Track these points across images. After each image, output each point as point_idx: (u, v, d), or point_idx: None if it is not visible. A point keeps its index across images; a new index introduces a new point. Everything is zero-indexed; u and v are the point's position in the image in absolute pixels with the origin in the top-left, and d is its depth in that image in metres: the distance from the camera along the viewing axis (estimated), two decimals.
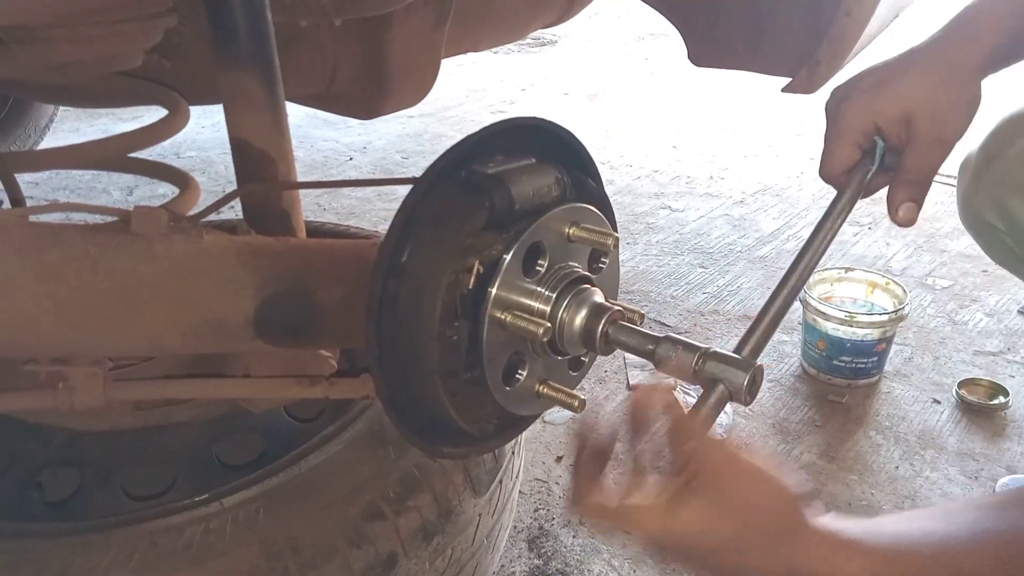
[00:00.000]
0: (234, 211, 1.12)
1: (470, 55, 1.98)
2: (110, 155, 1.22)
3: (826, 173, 0.99)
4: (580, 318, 0.79)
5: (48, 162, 1.33)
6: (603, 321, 0.79)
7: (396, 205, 0.76)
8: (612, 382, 2.11)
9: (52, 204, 0.94)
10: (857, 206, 2.83)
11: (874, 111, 0.93)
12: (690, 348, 0.76)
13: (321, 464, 1.02)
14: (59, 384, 0.96)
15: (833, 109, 0.97)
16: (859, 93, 0.94)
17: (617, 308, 0.80)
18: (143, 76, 1.22)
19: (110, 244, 0.85)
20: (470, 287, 0.76)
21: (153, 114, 1.23)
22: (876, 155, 0.95)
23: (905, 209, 0.96)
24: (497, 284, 0.76)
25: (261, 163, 1.00)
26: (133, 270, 0.85)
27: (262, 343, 0.92)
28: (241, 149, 1.01)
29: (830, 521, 0.68)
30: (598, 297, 0.81)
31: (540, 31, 2.15)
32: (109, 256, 0.84)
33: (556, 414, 1.96)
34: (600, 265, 0.86)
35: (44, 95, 1.69)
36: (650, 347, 0.77)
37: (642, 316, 0.83)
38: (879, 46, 1.63)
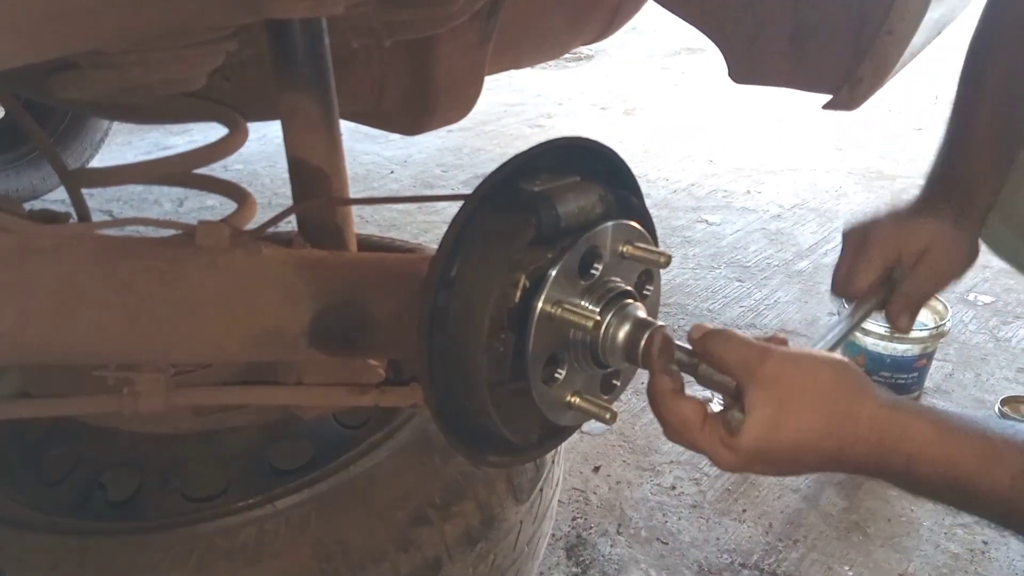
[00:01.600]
0: (289, 224, 1.17)
1: (508, 71, 2.02)
2: (174, 171, 1.27)
3: (847, 290, 1.10)
4: (624, 331, 0.81)
5: (116, 178, 1.39)
6: (646, 335, 0.81)
7: (436, 217, 0.80)
8: None
9: (121, 219, 1.00)
10: None
11: (900, 241, 1.06)
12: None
13: (369, 470, 1.06)
14: (125, 389, 1.01)
15: (859, 237, 1.09)
16: (886, 226, 1.08)
17: (660, 324, 0.82)
18: (203, 95, 1.28)
19: (176, 257, 0.90)
20: (517, 301, 0.78)
21: (201, 129, 1.29)
22: (895, 279, 1.08)
23: (906, 321, 1.09)
24: (543, 298, 0.78)
25: (316, 180, 1.05)
26: (198, 282, 0.90)
27: (316, 352, 0.96)
28: (298, 166, 1.05)
29: (897, 397, 0.72)
30: (641, 312, 0.83)
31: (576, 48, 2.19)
32: (175, 268, 0.89)
33: (594, 425, 1.98)
34: (646, 293, 0.89)
35: (111, 113, 1.77)
36: (693, 362, 0.79)
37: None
38: (921, 63, 1.63)
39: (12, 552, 0.97)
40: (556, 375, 0.83)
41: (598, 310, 0.81)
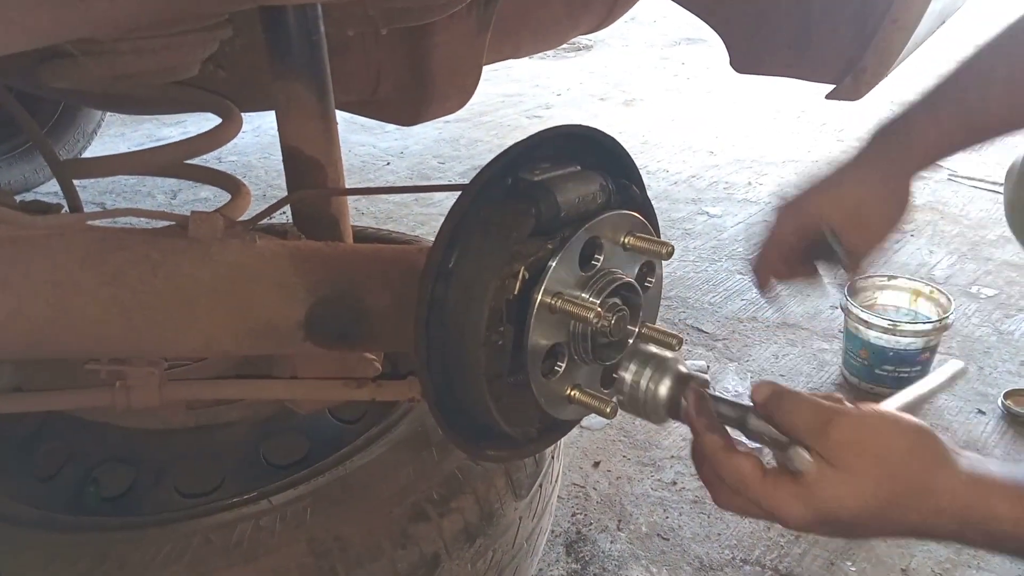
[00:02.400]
0: (284, 215, 1.15)
1: (506, 60, 2.00)
2: (168, 162, 1.26)
3: (760, 265, 1.13)
4: (665, 387, 0.77)
5: (108, 169, 1.37)
6: (687, 390, 0.77)
7: (433, 209, 0.78)
8: None
9: (113, 210, 0.98)
10: None
11: (827, 207, 1.05)
12: None
13: (366, 465, 1.05)
14: (117, 383, 0.99)
15: (790, 211, 1.09)
16: (812, 196, 1.07)
17: (701, 377, 0.79)
18: (197, 85, 1.26)
19: (169, 248, 0.88)
20: (516, 292, 0.77)
21: (195, 120, 1.27)
22: (832, 242, 1.06)
23: (857, 268, 1.10)
24: (542, 290, 0.77)
25: (312, 170, 1.03)
26: (191, 274, 0.88)
27: (312, 345, 0.94)
28: (293, 156, 1.04)
29: (974, 462, 0.67)
30: (682, 366, 0.79)
31: (575, 37, 2.17)
32: (168, 260, 0.87)
33: (594, 420, 1.96)
34: (647, 285, 0.88)
35: (104, 103, 1.75)
36: (740, 416, 0.75)
37: (680, 341, 0.84)
38: (925, 51, 1.62)
39: (4, 548, 0.95)
40: (556, 368, 0.81)
41: (599, 302, 0.80)
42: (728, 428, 0.74)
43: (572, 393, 0.82)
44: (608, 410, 0.80)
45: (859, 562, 1.57)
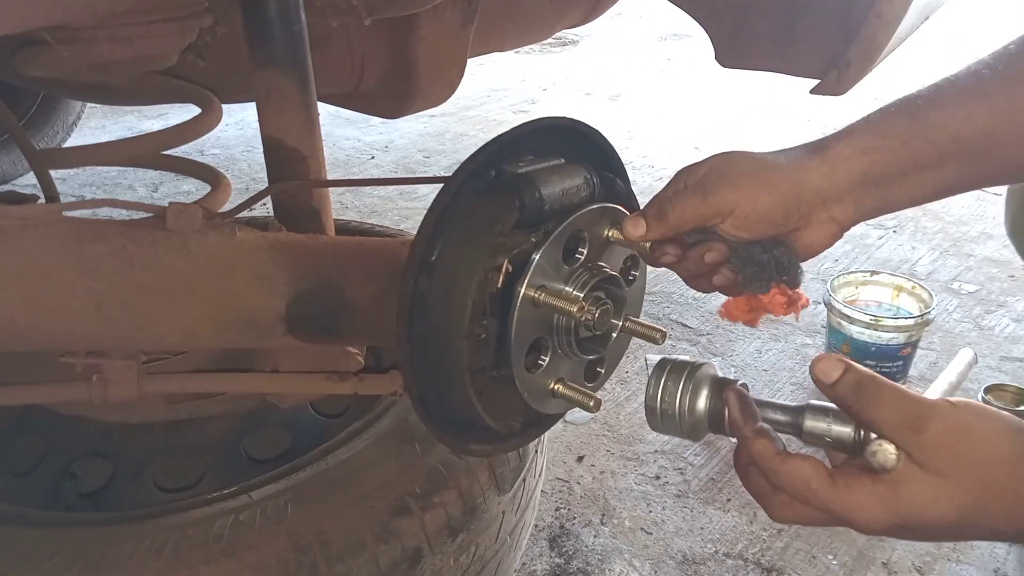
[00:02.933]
0: (265, 208, 1.14)
1: (491, 55, 1.99)
2: (145, 152, 1.24)
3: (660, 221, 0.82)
4: (703, 399, 0.73)
5: (84, 159, 1.35)
6: (728, 396, 0.72)
7: (418, 204, 0.77)
8: (634, 383, 2.11)
9: (89, 200, 0.96)
10: None
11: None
12: (847, 419, 0.66)
13: (348, 459, 1.04)
14: (94, 376, 0.98)
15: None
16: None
17: (739, 381, 0.73)
18: (177, 75, 1.24)
19: (147, 240, 0.86)
20: (499, 286, 0.76)
21: (177, 112, 1.25)
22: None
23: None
24: (526, 283, 0.76)
25: (293, 161, 1.02)
26: (169, 265, 0.87)
27: (293, 339, 0.93)
28: (273, 147, 1.02)
29: None
30: (714, 370, 0.75)
31: (562, 31, 2.16)
32: (146, 251, 0.86)
33: (578, 414, 1.96)
34: (631, 278, 0.87)
35: (82, 93, 1.72)
36: (793, 420, 0.69)
37: (664, 335, 0.81)
38: (909, 47, 1.62)
39: None
40: (539, 362, 0.81)
41: (582, 295, 0.79)
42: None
43: (556, 387, 0.82)
44: (592, 404, 0.80)
45: (840, 555, 1.58)
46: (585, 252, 0.81)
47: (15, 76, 1.20)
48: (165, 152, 1.21)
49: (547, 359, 0.81)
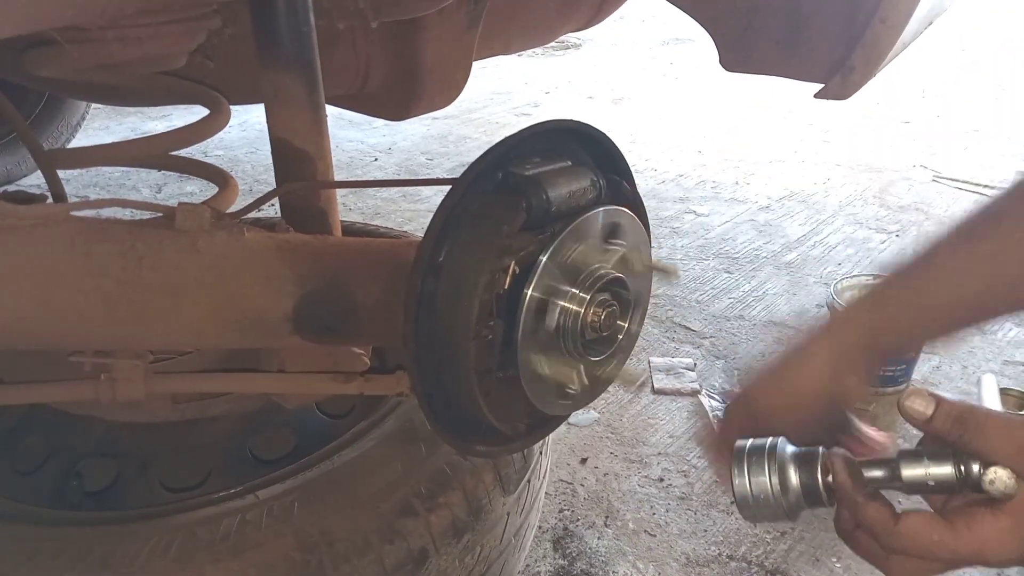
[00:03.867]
0: (272, 208, 1.14)
1: (495, 58, 2.00)
2: (153, 153, 1.24)
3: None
4: (793, 477, 0.67)
5: (93, 159, 1.36)
6: (819, 472, 0.67)
7: (421, 206, 0.77)
8: (636, 386, 2.11)
9: (97, 200, 0.97)
10: (885, 213, 2.81)
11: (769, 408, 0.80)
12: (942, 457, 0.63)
13: (354, 460, 1.04)
14: (102, 376, 0.98)
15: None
16: (751, 391, 0.82)
17: (826, 451, 0.68)
18: (185, 76, 1.25)
19: (155, 240, 0.87)
20: (506, 287, 0.77)
21: (181, 113, 1.26)
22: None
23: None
24: (533, 285, 0.76)
25: (301, 162, 1.02)
26: (177, 265, 0.87)
27: (299, 339, 0.93)
28: (281, 148, 1.03)
29: None
30: (791, 447, 0.70)
31: (566, 34, 2.17)
32: (154, 251, 0.86)
33: (581, 416, 1.96)
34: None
35: (90, 94, 1.73)
36: (892, 473, 0.65)
37: (676, 271, 0.80)
38: (913, 52, 1.62)
39: None
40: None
41: (589, 297, 0.79)
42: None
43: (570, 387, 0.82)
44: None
45: (844, 559, 1.58)
46: (583, 258, 0.81)
47: (23, 76, 1.21)
48: (172, 153, 1.21)
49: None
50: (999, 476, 0.59)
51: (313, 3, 1.01)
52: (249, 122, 3.98)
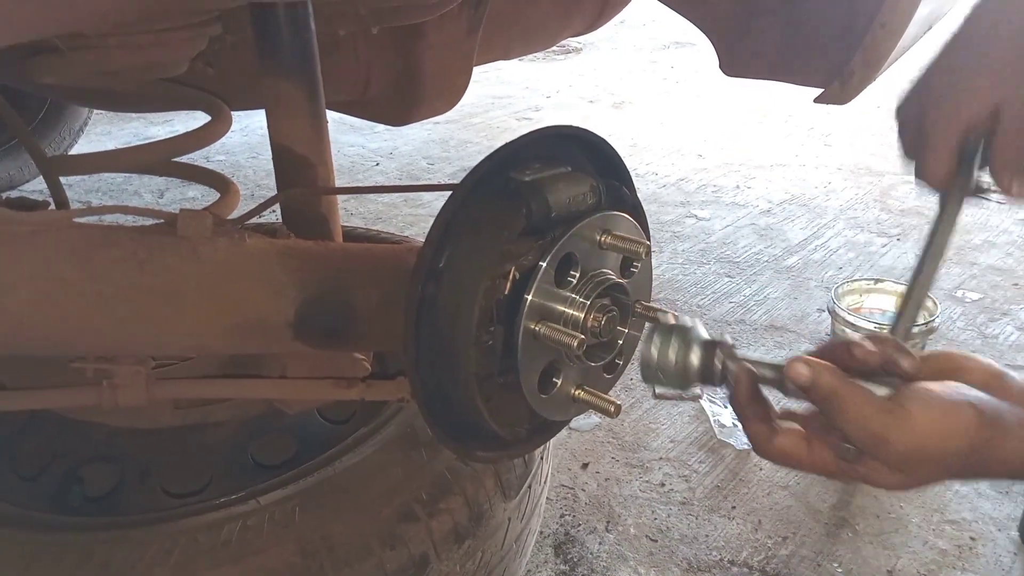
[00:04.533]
0: (273, 214, 1.14)
1: (496, 62, 2.00)
2: (156, 159, 1.25)
3: (932, 181, 0.92)
4: (695, 357, 0.75)
5: (95, 165, 1.36)
6: (718, 356, 0.75)
7: (422, 211, 0.77)
8: (638, 390, 2.11)
9: (100, 206, 0.97)
10: (886, 217, 2.81)
11: (968, 112, 0.87)
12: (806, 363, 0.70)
13: (355, 465, 1.04)
14: (104, 382, 0.98)
15: (919, 121, 0.91)
16: (945, 98, 0.88)
17: (730, 342, 0.76)
18: (186, 82, 1.25)
19: (157, 245, 0.87)
20: (506, 293, 0.77)
21: (183, 119, 1.26)
22: (978, 155, 0.89)
23: (1018, 185, 0.89)
24: (533, 291, 0.77)
25: (302, 168, 1.03)
26: (179, 271, 0.87)
27: (301, 345, 0.94)
28: (282, 155, 1.03)
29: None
30: (702, 331, 0.77)
31: (566, 39, 2.18)
32: (156, 257, 0.86)
33: (583, 420, 1.96)
34: (632, 270, 0.87)
35: (92, 100, 1.73)
36: (778, 378, 0.71)
37: (676, 317, 0.82)
38: (912, 58, 1.63)
39: None
40: (553, 382, 0.81)
41: (589, 303, 0.80)
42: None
43: (577, 393, 0.82)
44: (612, 409, 0.80)
45: (846, 563, 1.58)
46: (582, 262, 0.81)
47: (26, 82, 1.21)
48: (175, 159, 1.21)
49: (560, 379, 0.81)
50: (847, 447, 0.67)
51: (314, 10, 1.01)
52: (251, 127, 3.99)
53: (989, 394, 0.67)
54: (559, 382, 0.81)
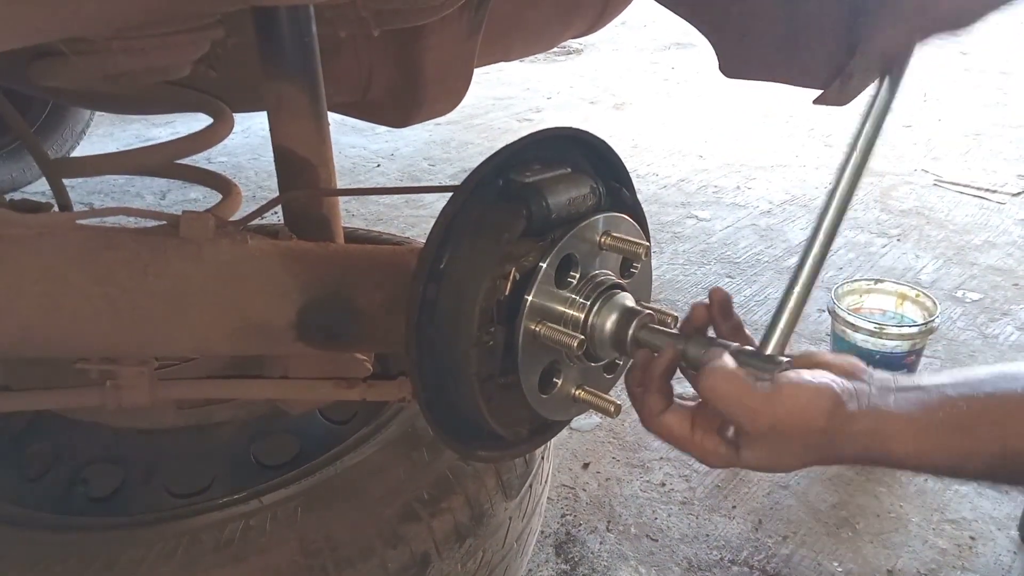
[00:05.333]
0: (275, 216, 1.15)
1: (496, 64, 2.01)
2: (158, 161, 1.25)
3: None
4: (610, 323, 0.80)
5: (98, 167, 1.37)
6: (633, 325, 0.80)
7: (423, 212, 0.78)
8: None
9: (103, 208, 0.98)
10: (886, 218, 2.81)
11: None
12: (720, 347, 0.77)
13: (357, 465, 1.05)
14: (107, 383, 0.99)
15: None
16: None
17: (648, 312, 0.81)
18: (188, 85, 1.26)
19: (160, 247, 0.88)
20: (507, 294, 0.77)
21: (185, 121, 1.27)
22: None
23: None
24: (533, 292, 0.77)
25: (303, 170, 1.03)
26: (182, 273, 0.88)
27: (303, 346, 0.94)
28: (284, 156, 1.04)
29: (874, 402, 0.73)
30: (628, 301, 0.82)
31: (567, 40, 2.19)
32: (159, 259, 0.87)
33: (583, 420, 1.97)
34: (632, 271, 0.88)
35: (94, 103, 1.74)
36: (679, 347, 0.78)
37: (675, 318, 0.84)
38: (913, 57, 1.63)
39: None
40: (554, 382, 0.82)
41: (589, 303, 0.80)
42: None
43: (577, 393, 0.83)
44: (612, 409, 0.81)
45: (845, 563, 1.59)
46: (582, 264, 0.82)
47: (29, 86, 1.22)
48: (177, 161, 1.22)
49: (560, 379, 0.82)
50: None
51: (315, 12, 1.02)
52: (252, 129, 4.00)
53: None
54: (559, 382, 0.82)
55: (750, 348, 0.79)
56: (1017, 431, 0.71)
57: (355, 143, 4.07)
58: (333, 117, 1.20)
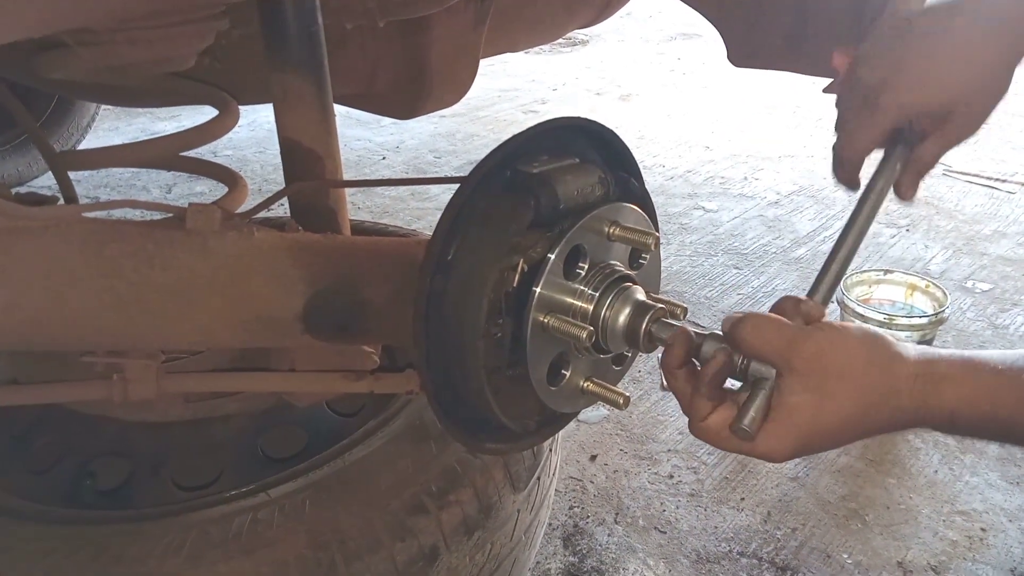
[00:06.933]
0: (282, 208, 1.14)
1: (502, 55, 2.00)
2: (163, 154, 1.25)
3: (851, 153, 0.95)
4: (624, 316, 0.79)
5: (105, 160, 1.36)
6: (647, 319, 0.79)
7: (429, 204, 0.78)
8: (646, 382, 2.11)
9: (109, 201, 0.97)
10: (895, 208, 2.79)
11: (917, 104, 0.87)
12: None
13: (364, 458, 1.04)
14: (114, 376, 0.99)
15: (871, 95, 0.89)
16: (903, 84, 0.87)
17: (660, 306, 0.81)
18: (194, 77, 1.25)
19: (166, 240, 0.87)
20: (515, 285, 0.77)
21: (190, 114, 1.26)
22: (907, 141, 0.92)
23: (914, 189, 0.94)
24: (542, 283, 0.77)
25: (309, 162, 1.03)
26: (188, 265, 0.87)
27: (310, 338, 0.94)
28: (290, 148, 1.03)
29: (926, 352, 0.71)
30: (640, 295, 0.81)
31: (572, 31, 2.18)
32: (165, 252, 0.87)
33: (591, 413, 1.97)
34: (641, 262, 0.87)
35: (100, 95, 1.74)
36: (697, 342, 0.77)
37: (685, 310, 0.83)
38: None
39: (0, 542, 0.95)
40: (562, 374, 0.81)
41: (597, 295, 0.80)
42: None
43: (586, 385, 0.82)
44: (621, 401, 0.80)
45: (855, 555, 1.58)
46: (591, 255, 0.81)
47: (34, 78, 1.22)
48: (182, 154, 1.22)
49: (569, 371, 0.81)
50: (757, 368, 0.72)
51: (321, 3, 1.01)
52: (258, 121, 4.00)
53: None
54: (568, 374, 0.82)
55: None
56: None
57: (360, 136, 4.06)
58: (338, 110, 1.20)
